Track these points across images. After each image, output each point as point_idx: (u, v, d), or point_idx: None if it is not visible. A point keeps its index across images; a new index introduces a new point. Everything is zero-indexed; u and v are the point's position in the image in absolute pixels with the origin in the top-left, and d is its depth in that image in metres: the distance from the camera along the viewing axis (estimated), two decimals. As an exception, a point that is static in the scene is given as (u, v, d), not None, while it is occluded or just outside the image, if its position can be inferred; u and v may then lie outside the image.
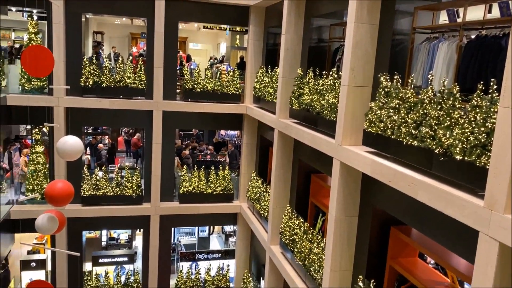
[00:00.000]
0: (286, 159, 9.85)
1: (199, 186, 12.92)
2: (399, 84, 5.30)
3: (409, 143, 4.80)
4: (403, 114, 4.94)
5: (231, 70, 13.05)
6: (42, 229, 5.30)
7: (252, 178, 12.45)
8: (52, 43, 11.16)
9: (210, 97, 12.55)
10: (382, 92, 5.46)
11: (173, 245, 14.60)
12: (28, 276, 12.65)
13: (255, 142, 13.13)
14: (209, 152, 17.16)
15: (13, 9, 14.96)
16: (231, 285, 13.85)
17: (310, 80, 7.92)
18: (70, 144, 5.56)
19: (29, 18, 11.95)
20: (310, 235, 8.09)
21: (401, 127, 4.94)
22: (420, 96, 4.79)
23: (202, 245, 16.13)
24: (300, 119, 8.43)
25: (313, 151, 8.01)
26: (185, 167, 13.78)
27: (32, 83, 11.81)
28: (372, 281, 5.96)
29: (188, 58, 18.22)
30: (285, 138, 9.57)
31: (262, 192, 11.38)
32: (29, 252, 14.18)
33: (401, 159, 5.09)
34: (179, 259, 14.26)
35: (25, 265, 12.88)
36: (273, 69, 10.48)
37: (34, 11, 13.24)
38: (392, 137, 5.14)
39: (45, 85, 11.83)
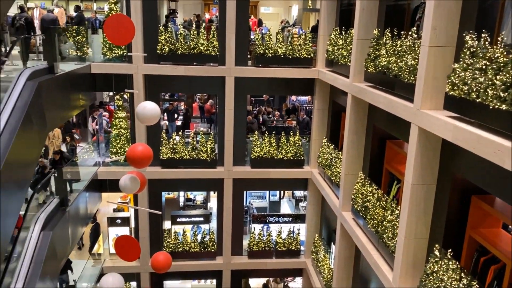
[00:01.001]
0: (360, 124, 9.59)
1: (270, 151, 13.06)
2: (487, 43, 4.86)
3: (496, 107, 4.44)
4: (490, 76, 4.55)
5: (303, 33, 12.75)
6: (126, 189, 5.67)
7: (323, 144, 12.33)
8: (130, 12, 11.60)
9: (281, 62, 12.42)
10: (467, 53, 5.04)
11: (245, 208, 15.06)
12: (114, 231, 13.78)
13: (327, 107, 12.90)
14: (274, 118, 17.19)
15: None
16: (302, 248, 14.09)
17: (387, 41, 7.52)
18: (149, 109, 5.82)
19: (109, -12, 12.46)
20: (384, 202, 7.91)
21: (488, 90, 4.57)
22: (511, 56, 4.37)
23: (273, 209, 16.46)
24: (376, 83, 8.10)
25: (389, 116, 7.70)
26: (256, 132, 13.95)
27: (113, 51, 12.44)
28: (450, 250, 5.74)
29: (259, 23, 18.07)
30: (359, 103, 9.29)
31: (333, 158, 11.25)
32: (114, 210, 15.41)
33: (487, 124, 4.73)
34: (251, 221, 14.71)
35: (112, 221, 14.02)
36: (348, 31, 10.08)
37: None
38: (477, 100, 4.77)
39: (124, 53, 12.42)
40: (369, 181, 8.75)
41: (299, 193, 17.17)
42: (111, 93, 18.65)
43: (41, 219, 9.36)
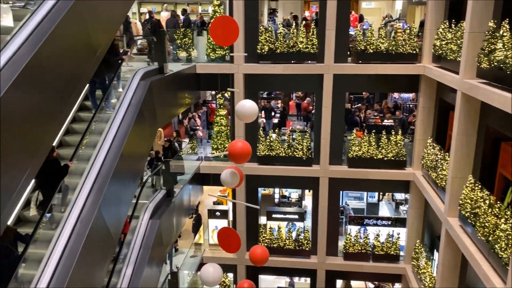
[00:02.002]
0: (471, 124, 8.85)
1: (369, 151, 12.65)
2: None
3: None
4: None
5: (408, 28, 12.11)
6: (226, 182, 5.88)
7: (428, 144, 11.60)
8: (233, 13, 12.02)
9: (384, 58, 11.94)
10: None
11: (341, 208, 14.77)
12: (214, 223, 14.43)
13: (433, 105, 12.11)
14: (373, 116, 16.56)
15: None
16: (401, 253, 13.43)
17: (504, 34, 6.84)
18: (247, 107, 5.98)
19: (213, -9, 13.03)
20: (497, 209, 7.21)
21: None
22: None
23: (371, 211, 15.91)
24: (490, 79, 7.40)
25: (506, 116, 7.00)
26: (354, 130, 13.60)
27: (216, 52, 13.01)
28: None
29: (361, 18, 17.56)
30: (470, 101, 8.57)
31: (439, 160, 10.53)
32: (214, 203, 16.12)
33: None
34: (347, 222, 14.40)
35: (211, 213, 14.69)
36: (458, 24, 9.36)
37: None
38: None
39: (226, 53, 12.92)
40: (480, 186, 8.04)
41: (399, 196, 16.38)
42: (213, 92, 19.51)
43: (150, 208, 10.14)
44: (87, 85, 8.80)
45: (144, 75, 9.76)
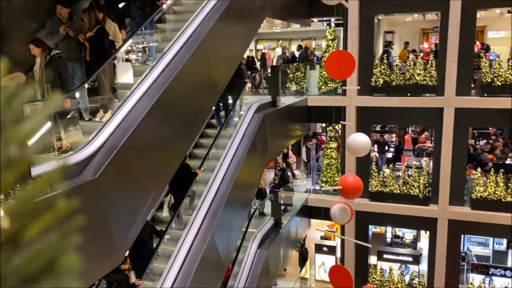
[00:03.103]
0: None
1: (496, 192, 11.40)
2: None
3: None
4: None
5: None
6: (337, 218, 5.77)
7: None
8: (347, 47, 12.02)
9: (514, 91, 10.85)
10: None
11: (463, 254, 13.41)
12: (320, 259, 14.11)
13: None
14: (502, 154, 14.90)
15: (315, 20, 16.92)
16: (536, 312, 11.67)
17: None
18: (359, 141, 5.89)
19: (327, 27, 13.23)
20: None
21: None
22: None
23: (498, 259, 14.16)
24: None
25: None
26: (479, 169, 12.40)
27: (328, 85, 13.06)
28: None
29: (487, 48, 16.28)
30: None
31: None
32: (321, 238, 15.81)
33: None
34: (469, 270, 12.98)
35: (318, 248, 14.40)
36: None
37: (332, 19, 14.58)
38: None
39: (338, 86, 12.89)
40: None
41: (533, 245, 14.38)
42: (323, 124, 19.50)
43: (258, 237, 10.32)
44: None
45: (258, 108, 10.17)
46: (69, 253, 0.31)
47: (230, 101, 10.39)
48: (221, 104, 10.30)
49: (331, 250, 14.22)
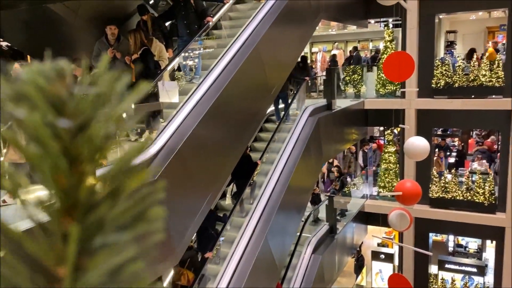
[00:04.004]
0: None
1: None
2: None
3: None
4: None
5: None
6: (395, 225, 5.61)
7: None
8: (406, 48, 11.66)
9: None
10: None
11: (534, 266, 12.49)
12: (377, 266, 13.72)
13: None
14: None
15: (372, 21, 16.57)
16: None
17: None
18: (417, 145, 5.70)
19: (385, 28, 12.91)
20: None
21: None
22: None
23: None
24: None
25: None
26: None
27: (386, 87, 12.72)
28: None
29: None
30: None
31: None
32: (378, 245, 15.36)
33: None
34: (541, 284, 12.07)
35: (375, 255, 14.01)
36: None
37: (390, 20, 14.21)
38: None
39: (397, 89, 12.51)
40: None
41: None
42: (381, 128, 19.02)
43: (313, 242, 10.22)
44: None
45: (312, 111, 10.10)
46: (155, 206, 0.40)
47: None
48: (280, 98, 10.58)
49: (389, 258, 13.78)
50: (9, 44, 9.11)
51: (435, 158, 14.47)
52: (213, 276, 7.21)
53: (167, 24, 8.15)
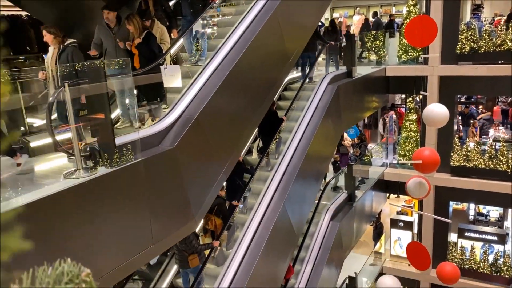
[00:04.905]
0: None
1: None
2: None
3: None
4: None
5: None
6: (413, 192, 5.59)
7: None
8: (430, 12, 11.26)
9: None
10: None
11: (556, 235, 12.36)
12: (396, 234, 13.76)
13: None
14: None
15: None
16: None
17: None
18: (436, 112, 5.58)
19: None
20: None
21: None
22: None
23: None
24: None
25: None
26: None
27: (409, 54, 12.39)
28: None
29: None
30: None
31: None
32: (398, 213, 15.37)
33: None
34: None
35: (394, 223, 14.03)
36: None
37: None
38: None
39: (420, 55, 12.17)
40: None
41: None
42: (403, 96, 18.66)
43: (331, 210, 10.30)
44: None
45: (332, 79, 9.96)
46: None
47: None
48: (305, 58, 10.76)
49: (408, 226, 13.79)
50: (28, 14, 9.19)
51: (469, 128, 14.26)
52: (249, 209, 7.73)
53: (170, 3, 7.92)
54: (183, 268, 7.09)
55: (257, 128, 8.44)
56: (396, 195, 15.89)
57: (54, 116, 4.84)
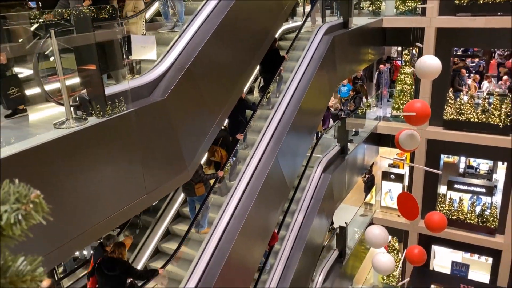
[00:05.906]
0: None
1: None
2: None
3: None
4: None
5: None
6: (404, 144, 5.63)
7: None
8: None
9: None
10: None
11: (543, 187, 12.64)
12: (387, 186, 14.03)
13: None
14: None
15: None
16: None
17: None
18: (428, 64, 5.54)
19: None
20: None
21: None
22: None
23: None
24: None
25: None
26: None
27: (406, 4, 12.08)
28: None
29: None
30: None
31: None
32: (389, 165, 15.60)
33: None
34: (548, 205, 12.30)
35: (385, 176, 14.28)
36: None
37: None
38: None
39: (418, 5, 11.88)
40: None
41: None
42: (399, 48, 18.39)
43: (323, 162, 10.41)
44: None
45: (328, 30, 9.74)
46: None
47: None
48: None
49: (399, 178, 14.05)
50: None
51: (470, 82, 14.19)
52: (251, 145, 8.03)
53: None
54: (189, 196, 7.45)
55: (258, 66, 8.44)
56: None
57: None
